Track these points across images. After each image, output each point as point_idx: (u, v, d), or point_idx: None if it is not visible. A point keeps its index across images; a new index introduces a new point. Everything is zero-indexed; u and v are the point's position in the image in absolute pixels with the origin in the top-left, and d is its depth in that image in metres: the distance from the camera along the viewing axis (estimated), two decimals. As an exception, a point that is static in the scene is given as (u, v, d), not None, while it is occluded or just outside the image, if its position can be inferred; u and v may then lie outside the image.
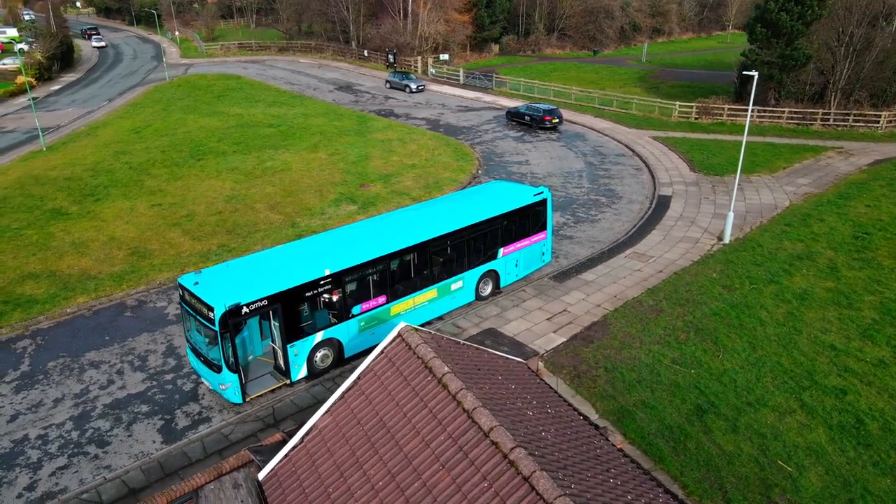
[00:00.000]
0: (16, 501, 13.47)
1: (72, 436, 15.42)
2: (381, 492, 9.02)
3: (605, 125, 46.79)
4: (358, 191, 31.90)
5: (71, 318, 20.69)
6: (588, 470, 9.16)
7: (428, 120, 48.05)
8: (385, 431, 9.79)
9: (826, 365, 17.90)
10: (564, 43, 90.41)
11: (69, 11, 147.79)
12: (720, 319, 20.18)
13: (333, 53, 77.78)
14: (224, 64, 72.99)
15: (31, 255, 23.89)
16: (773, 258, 24.47)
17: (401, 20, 72.14)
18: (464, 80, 62.55)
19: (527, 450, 8.50)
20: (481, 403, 9.25)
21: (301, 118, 46.08)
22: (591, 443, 10.65)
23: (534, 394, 11.51)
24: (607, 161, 38.15)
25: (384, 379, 10.55)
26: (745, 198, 31.50)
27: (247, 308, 15.49)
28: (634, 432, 15.37)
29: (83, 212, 27.94)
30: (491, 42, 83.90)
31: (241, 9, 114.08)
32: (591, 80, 64.87)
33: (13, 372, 17.92)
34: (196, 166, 34.39)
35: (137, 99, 53.40)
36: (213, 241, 25.63)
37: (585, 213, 29.96)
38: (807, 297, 21.51)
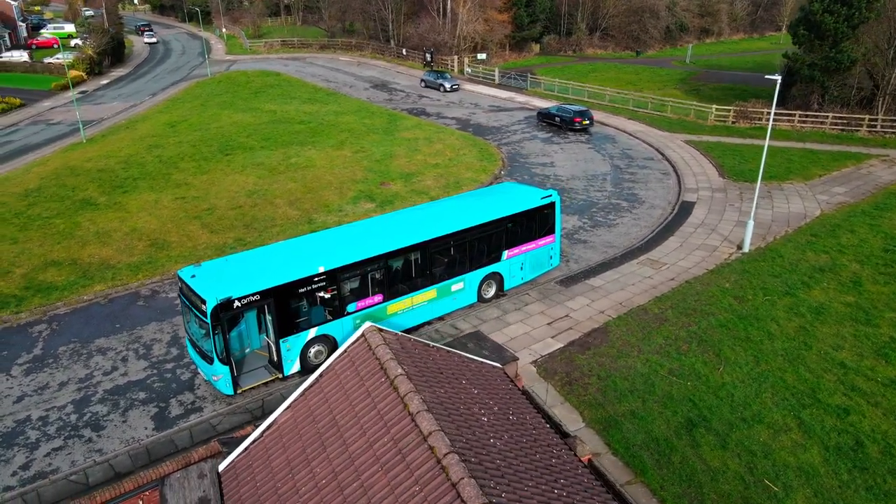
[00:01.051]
0: (10, 479, 14.12)
1: (70, 419, 16.06)
2: (323, 490, 9.12)
3: (638, 128, 45.94)
4: (378, 189, 32.16)
5: (87, 306, 21.51)
6: (531, 479, 9.06)
7: (458, 119, 48.05)
8: (335, 430, 9.89)
9: (832, 383, 17.21)
10: (607, 43, 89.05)
11: (127, 8, 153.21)
12: (726, 331, 19.61)
13: (373, 52, 78.51)
14: (266, 61, 74.52)
15: (57, 244, 24.94)
16: (793, 269, 23.63)
17: (440, 19, 72.29)
18: (499, 80, 62.30)
19: (461, 456, 8.47)
20: (426, 407, 9.25)
21: (332, 115, 46.70)
22: (550, 452, 10.53)
23: (498, 399, 11.44)
24: (634, 165, 37.46)
25: (342, 378, 10.65)
26: (773, 206, 30.49)
27: (238, 302, 15.82)
28: (619, 443, 15.10)
29: (110, 203, 29.00)
30: (531, 42, 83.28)
31: (289, 6, 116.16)
32: (630, 81, 63.74)
33: (26, 355, 18.76)
34: (223, 161, 35.26)
35: (178, 94, 55.04)
36: (229, 235, 26.25)
37: (604, 217, 29.50)
38: (823, 312, 20.71)
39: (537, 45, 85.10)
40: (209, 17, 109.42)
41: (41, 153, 38.10)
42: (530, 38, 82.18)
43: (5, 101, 50.65)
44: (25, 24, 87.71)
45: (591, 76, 66.03)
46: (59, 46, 78.41)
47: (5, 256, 23.86)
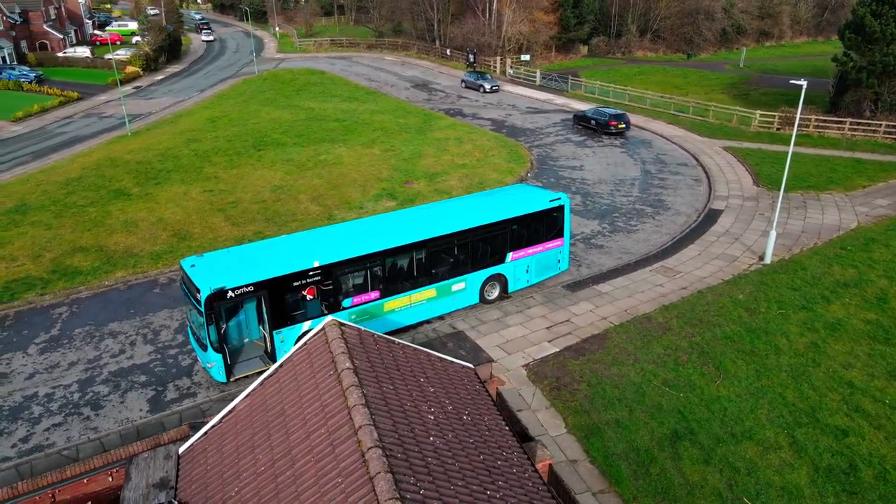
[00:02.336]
0: (10, 450, 14.97)
1: (73, 397, 16.89)
2: (261, 476, 9.38)
3: (676, 132, 44.87)
4: (401, 188, 32.47)
5: (107, 291, 22.54)
6: (463, 479, 9.07)
7: (493, 120, 47.97)
8: (282, 419, 10.14)
9: (836, 402, 16.50)
10: (657, 45, 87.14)
11: (190, 7, 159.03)
12: (731, 343, 19.02)
13: (418, 52, 79.12)
14: (314, 59, 76.08)
15: (86, 231, 26.19)
16: (815, 283, 22.69)
17: (485, 20, 72.27)
18: (539, 82, 61.84)
19: (386, 451, 8.57)
20: (363, 402, 9.39)
21: (368, 114, 47.34)
22: (499, 454, 10.50)
23: (457, 399, 11.47)
24: (666, 170, 36.62)
25: (297, 370, 10.90)
26: (807, 216, 29.33)
27: (232, 292, 16.30)
28: (598, 451, 14.88)
29: (142, 193, 30.26)
30: (578, 43, 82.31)
31: (342, 6, 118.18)
32: (676, 84, 62.32)
33: (44, 335, 19.81)
34: (255, 156, 36.26)
35: (224, 91, 56.83)
36: (250, 228, 27.01)
37: (625, 222, 28.98)
38: (839, 328, 19.84)
39: (585, 46, 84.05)
40: (265, 16, 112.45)
41: (89, 144, 40.04)
42: (578, 40, 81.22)
43: (64, 94, 53.39)
44: (92, 21, 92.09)
45: (636, 79, 64.80)
46: (121, 43, 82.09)
47: (38, 241, 25.22)
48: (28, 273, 23.01)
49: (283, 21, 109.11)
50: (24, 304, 21.48)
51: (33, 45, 70.09)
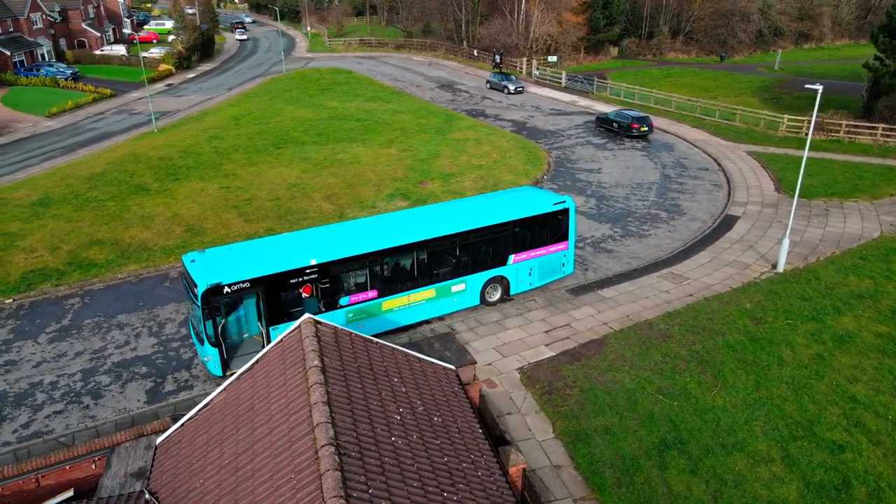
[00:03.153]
0: (10, 435, 15.51)
1: (76, 386, 17.41)
2: (223, 469, 9.57)
3: (700, 136, 44.12)
4: (415, 188, 32.60)
5: (119, 284, 23.15)
6: (419, 480, 9.12)
7: (515, 122, 47.80)
8: (250, 414, 10.32)
9: (836, 417, 16.06)
10: (690, 47, 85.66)
11: (228, 7, 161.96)
12: (732, 353, 18.65)
13: (446, 52, 79.23)
14: (342, 59, 76.80)
15: (104, 224, 26.93)
16: (828, 294, 22.10)
17: (513, 20, 72.03)
18: (565, 84, 61.38)
19: (340, 449, 8.66)
20: (325, 399, 9.51)
21: (389, 114, 47.62)
22: (466, 457, 10.52)
23: (430, 400, 11.52)
24: (686, 174, 36.04)
25: (271, 366, 11.07)
26: (827, 224, 28.56)
27: (228, 288, 16.60)
28: (583, 457, 14.75)
29: (161, 189, 30.98)
30: (608, 44, 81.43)
31: (375, 6, 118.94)
32: (705, 87, 61.22)
33: (55, 325, 20.46)
34: (273, 154, 36.80)
35: (251, 89, 57.76)
36: (262, 225, 27.44)
37: (637, 227, 28.61)
38: (848, 341, 19.29)
39: (615, 48, 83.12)
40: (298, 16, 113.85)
41: (116, 140, 41.12)
42: (607, 41, 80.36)
43: (97, 91, 54.90)
44: (131, 19, 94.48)
45: (664, 81, 63.88)
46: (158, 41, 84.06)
47: (57, 234, 26.03)
48: (46, 264, 23.77)
49: (315, 21, 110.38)
50: (40, 294, 22.20)
51: (72, 42, 72.24)
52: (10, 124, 45.45)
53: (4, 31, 59.88)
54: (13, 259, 23.98)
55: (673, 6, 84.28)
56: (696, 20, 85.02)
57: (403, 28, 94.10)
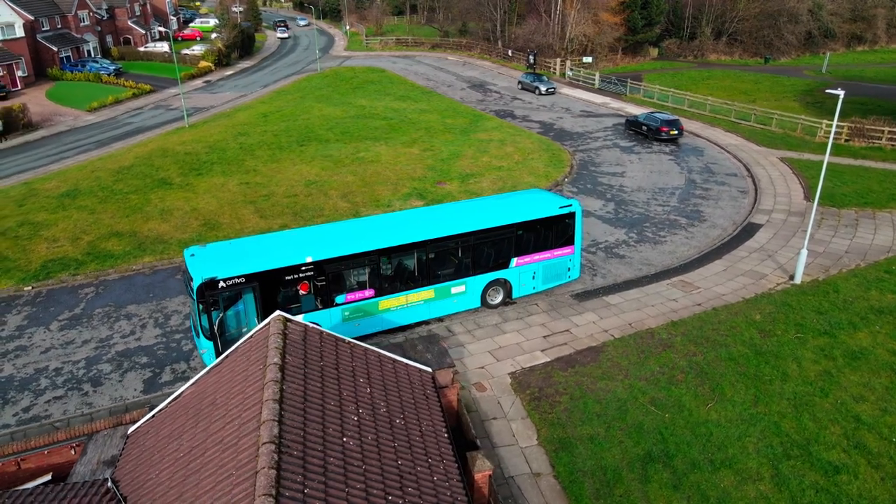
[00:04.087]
0: (11, 418, 16.12)
1: (79, 373, 17.98)
2: (178, 461, 9.74)
3: (732, 141, 42.94)
4: (432, 188, 32.61)
5: (133, 275, 23.81)
6: (363, 482, 9.10)
7: (542, 123, 47.37)
8: (211, 408, 10.47)
9: (836, 436, 15.42)
10: (733, 48, 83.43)
11: (273, 5, 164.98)
12: (734, 365, 18.09)
13: (481, 52, 79.02)
14: (378, 58, 77.35)
15: (125, 217, 27.75)
16: (845, 308, 21.23)
17: (548, 20, 71.39)
18: (598, 85, 60.51)
19: (282, 447, 8.71)
20: (277, 397, 9.58)
21: (416, 113, 47.76)
22: (423, 461, 10.47)
23: (396, 402, 11.50)
24: (712, 180, 35.11)
25: (238, 361, 11.22)
26: (856, 235, 27.45)
27: (224, 283, 16.89)
28: (564, 466, 14.52)
29: (183, 183, 31.75)
30: (647, 45, 79.95)
31: (415, 6, 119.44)
32: (745, 90, 59.58)
33: (67, 313, 21.18)
34: (297, 151, 37.32)
35: (285, 87, 58.69)
36: (276, 221, 27.85)
37: (654, 233, 28.01)
38: (860, 358, 18.49)
39: (655, 49, 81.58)
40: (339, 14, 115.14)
41: (149, 135, 42.32)
42: (646, 42, 78.91)
43: (138, 87, 56.59)
44: (177, 17, 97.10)
45: (702, 84, 62.42)
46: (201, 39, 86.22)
47: (80, 224, 26.94)
48: (66, 254, 24.63)
49: (356, 19, 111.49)
50: (57, 282, 23.01)
51: (118, 39, 74.68)
52: (53, 117, 47.24)
53: (52, 28, 62.31)
54: (36, 248, 24.92)
55: (716, 6, 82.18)
56: (740, 20, 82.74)
57: (440, 27, 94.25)
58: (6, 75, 53.21)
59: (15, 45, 55.39)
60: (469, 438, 13.37)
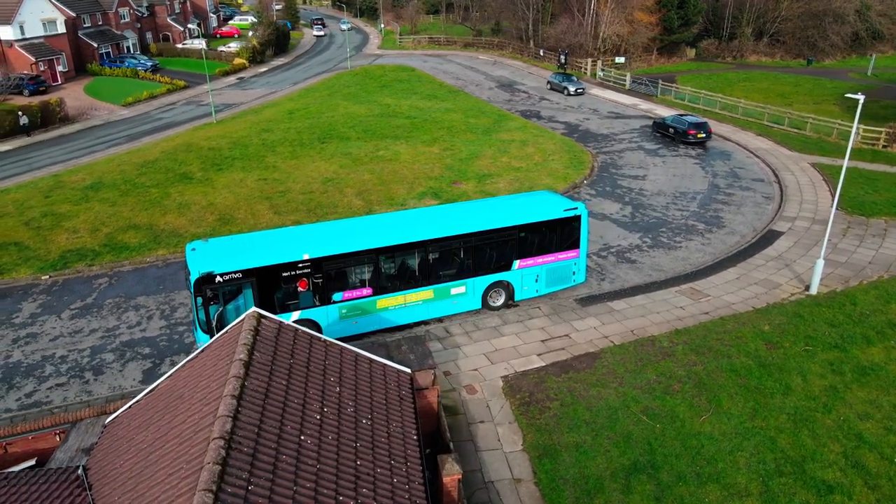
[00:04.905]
0: (13, 403, 16.69)
1: (83, 361, 18.51)
2: (140, 453, 9.94)
3: (763, 145, 41.76)
4: (448, 187, 32.57)
5: (146, 267, 24.40)
6: (314, 482, 9.12)
7: (568, 124, 46.87)
8: (178, 402, 10.64)
9: (834, 455, 14.86)
10: (775, 49, 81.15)
11: (313, 3, 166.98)
12: (735, 377, 17.59)
13: (512, 51, 78.58)
14: (409, 57, 77.59)
15: (144, 210, 28.45)
16: (861, 321, 20.44)
17: (582, 19, 70.57)
18: (629, 86, 59.55)
19: (231, 443, 8.79)
20: (236, 393, 9.67)
21: (440, 112, 47.75)
22: (385, 462, 10.44)
23: (366, 402, 11.50)
24: (737, 185, 34.22)
25: (209, 356, 11.38)
26: (883, 245, 26.41)
27: (220, 277, 17.17)
28: (546, 473, 14.33)
29: (203, 178, 32.39)
30: (684, 46, 78.37)
31: (451, 4, 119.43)
32: (783, 92, 57.87)
33: (80, 302, 21.82)
34: (317, 148, 37.70)
35: (314, 84, 59.36)
36: (290, 217, 28.19)
37: (669, 238, 27.42)
38: (870, 374, 17.79)
39: (692, 49, 79.91)
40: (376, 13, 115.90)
41: (178, 130, 43.32)
42: (682, 42, 77.35)
43: (172, 83, 57.97)
44: (217, 15, 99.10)
45: (738, 86, 60.85)
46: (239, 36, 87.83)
47: (100, 216, 27.73)
48: (84, 244, 25.38)
49: (392, 18, 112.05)
50: (73, 272, 23.73)
51: (157, 36, 76.64)
52: (89, 112, 48.73)
53: (94, 25, 64.31)
54: (56, 238, 25.75)
55: (758, 6, 79.99)
56: (783, 21, 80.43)
57: (473, 26, 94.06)
58: (47, 70, 55.19)
59: (56, 41, 57.36)
60: (445, 441, 13.29)
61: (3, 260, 24.03)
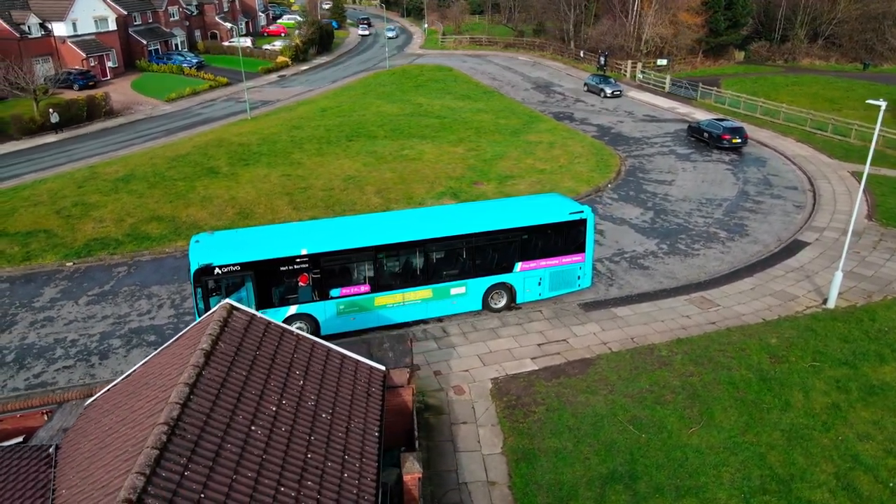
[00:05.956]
0: (22, 382, 17.53)
1: (91, 346, 19.29)
2: (104, 433, 10.34)
3: (802, 152, 40.31)
4: (468, 187, 32.58)
5: (164, 257, 25.23)
6: (255, 471, 9.29)
7: (600, 127, 46.21)
8: (144, 388, 11.01)
9: (825, 475, 14.29)
10: (829, 53, 78.06)
11: (362, 3, 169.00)
12: (732, 390, 17.08)
13: (553, 52, 77.87)
14: (449, 57, 77.77)
15: (168, 202, 29.41)
16: (877, 338, 19.56)
17: (625, 20, 69.37)
18: (668, 89, 58.27)
19: (175, 430, 9.06)
20: (191, 381, 9.94)
21: (471, 113, 47.74)
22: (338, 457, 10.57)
23: (329, 397, 11.66)
24: (767, 192, 33.13)
25: (180, 344, 11.73)
26: (914, 260, 25.19)
27: (219, 269, 17.66)
28: (521, 477, 14.23)
29: (229, 173, 33.25)
30: (732, 48, 76.15)
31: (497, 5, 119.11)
32: (832, 98, 55.59)
33: (98, 289, 22.73)
34: (343, 146, 38.22)
35: (351, 83, 60.15)
36: (307, 214, 28.69)
37: (687, 245, 26.77)
38: (877, 393, 17.02)
39: (741, 52, 77.60)
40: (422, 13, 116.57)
41: (214, 125, 44.58)
42: (730, 44, 75.16)
43: (215, 79, 59.64)
44: (266, 13, 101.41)
45: (785, 90, 58.75)
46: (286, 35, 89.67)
47: (126, 207, 28.80)
48: (108, 234, 26.42)
49: (437, 18, 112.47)
50: (96, 260, 24.73)
51: (205, 34, 78.95)
52: (133, 106, 50.63)
53: (144, 22, 66.74)
54: (83, 227, 26.87)
55: (813, 6, 77.06)
56: (839, 23, 77.25)
57: (515, 27, 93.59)
58: (97, 66, 57.57)
59: (107, 38, 59.78)
60: (414, 440, 13.35)
61: (32, 246, 25.24)
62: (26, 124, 41.93)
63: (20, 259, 24.41)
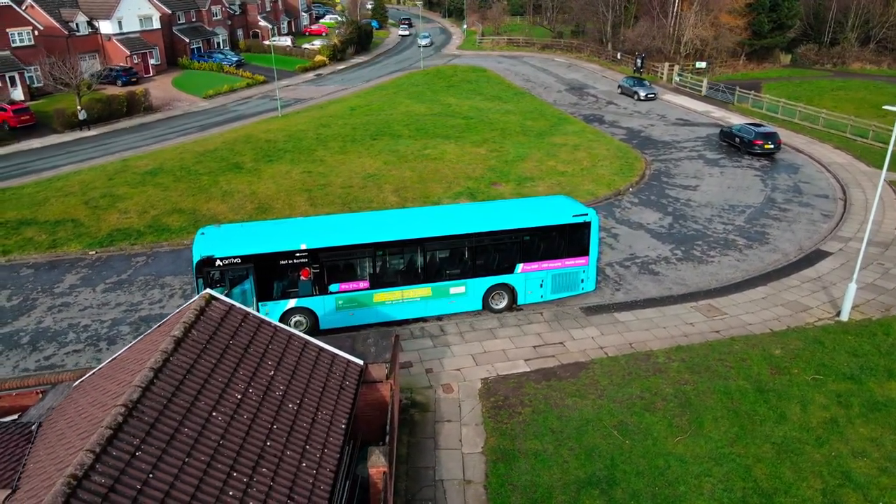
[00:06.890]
0: (33, 363, 18.39)
1: (101, 331, 20.09)
2: (73, 414, 10.82)
3: (838, 159, 39.01)
4: (486, 188, 32.61)
5: (182, 249, 26.01)
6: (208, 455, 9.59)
7: (630, 130, 45.59)
8: (120, 372, 11.47)
9: (811, 492, 13.89)
10: (882, 57, 75.05)
11: (406, 3, 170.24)
12: (726, 400, 16.72)
13: (589, 54, 77.01)
14: (486, 57, 77.71)
15: (191, 195, 30.32)
16: (889, 353, 18.86)
17: (664, 21, 68.15)
18: (705, 92, 57.02)
19: (133, 411, 9.43)
20: (156, 366, 10.31)
21: (499, 114, 47.68)
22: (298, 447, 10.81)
23: (299, 388, 11.91)
24: (795, 200, 32.18)
25: (160, 330, 12.16)
26: (944, 273, 24.14)
27: (220, 262, 18.18)
28: (497, 478, 14.25)
29: (253, 169, 34.04)
30: (778, 51, 73.99)
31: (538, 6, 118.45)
32: (878, 103, 53.24)
33: (115, 277, 23.63)
34: (367, 144, 38.68)
35: (384, 83, 60.73)
36: (324, 210, 29.18)
37: (702, 251, 26.23)
38: (880, 410, 16.44)
39: (788, 55, 75.34)
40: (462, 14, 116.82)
41: (246, 122, 45.67)
42: (776, 47, 73.04)
43: (253, 77, 61.04)
44: (309, 13, 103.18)
45: (829, 95, 56.89)
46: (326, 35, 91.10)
47: (150, 199, 29.81)
48: (131, 225, 27.41)
49: (477, 19, 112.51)
50: (116, 250, 25.70)
51: (247, 33, 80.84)
52: (172, 103, 52.27)
53: (187, 21, 68.78)
54: (108, 217, 27.95)
55: (865, 9, 74.25)
56: (891, 27, 74.27)
57: (552, 28, 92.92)
58: (140, 63, 59.62)
59: (151, 36, 61.83)
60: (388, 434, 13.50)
61: (59, 234, 26.38)
62: (68, 118, 43.80)
63: (46, 246, 25.55)
